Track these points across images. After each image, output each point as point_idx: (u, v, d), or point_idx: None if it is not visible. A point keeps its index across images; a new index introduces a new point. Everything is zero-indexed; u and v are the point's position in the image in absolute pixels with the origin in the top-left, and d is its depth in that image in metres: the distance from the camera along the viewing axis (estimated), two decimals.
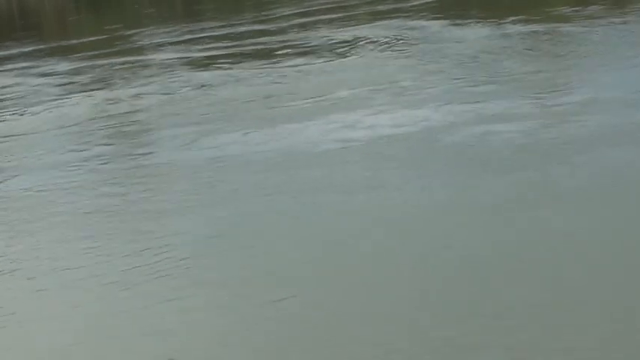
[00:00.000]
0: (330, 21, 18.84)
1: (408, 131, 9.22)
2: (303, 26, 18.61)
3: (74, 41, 22.49)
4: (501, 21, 15.67)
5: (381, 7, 19.73)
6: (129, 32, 21.68)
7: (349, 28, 17.36)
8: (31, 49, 20.76)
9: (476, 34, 14.83)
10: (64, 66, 17.28)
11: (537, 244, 6.08)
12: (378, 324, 5.15)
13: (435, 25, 16.10)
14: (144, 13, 28.54)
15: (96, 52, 18.60)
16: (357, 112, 10.25)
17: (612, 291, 5.25)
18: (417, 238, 6.44)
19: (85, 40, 22.15)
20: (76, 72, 16.22)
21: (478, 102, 10.06)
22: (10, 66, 18.18)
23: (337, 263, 6.12)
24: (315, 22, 18.96)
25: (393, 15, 18.11)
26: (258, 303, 5.58)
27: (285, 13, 21.28)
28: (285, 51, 15.53)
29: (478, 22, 15.90)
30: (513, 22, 15.37)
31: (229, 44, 17.33)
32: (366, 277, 5.82)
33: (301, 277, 5.92)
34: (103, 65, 16.59)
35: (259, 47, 16.44)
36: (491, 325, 4.98)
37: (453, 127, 9.10)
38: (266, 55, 15.49)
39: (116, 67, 16.19)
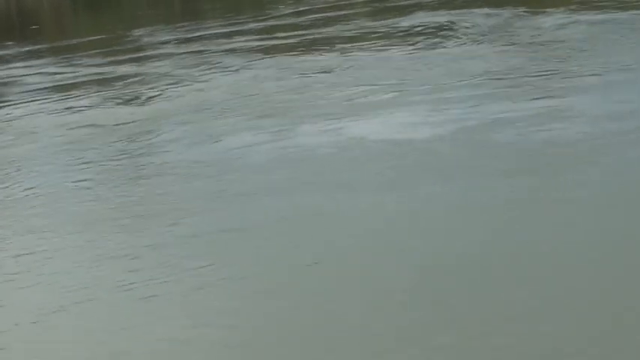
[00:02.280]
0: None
1: (484, 126, 8.52)
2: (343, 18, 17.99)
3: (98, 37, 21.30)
4: (572, 8, 14.73)
5: None
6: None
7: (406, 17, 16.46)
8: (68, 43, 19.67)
9: (551, 22, 13.92)
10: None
11: (554, 244, 5.78)
12: (383, 326, 4.98)
13: (505, 13, 15.07)
14: (145, 13, 27.82)
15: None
16: (435, 106, 9.55)
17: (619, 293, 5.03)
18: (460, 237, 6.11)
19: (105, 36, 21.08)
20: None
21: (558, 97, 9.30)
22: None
23: (344, 264, 5.90)
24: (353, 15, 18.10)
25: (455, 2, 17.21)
26: (267, 301, 5.46)
27: (283, 12, 21.05)
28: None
29: (548, 10, 14.87)
30: (586, 10, 14.48)
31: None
32: (388, 279, 5.57)
33: (308, 278, 5.77)
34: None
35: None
36: (495, 327, 4.82)
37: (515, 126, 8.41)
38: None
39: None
